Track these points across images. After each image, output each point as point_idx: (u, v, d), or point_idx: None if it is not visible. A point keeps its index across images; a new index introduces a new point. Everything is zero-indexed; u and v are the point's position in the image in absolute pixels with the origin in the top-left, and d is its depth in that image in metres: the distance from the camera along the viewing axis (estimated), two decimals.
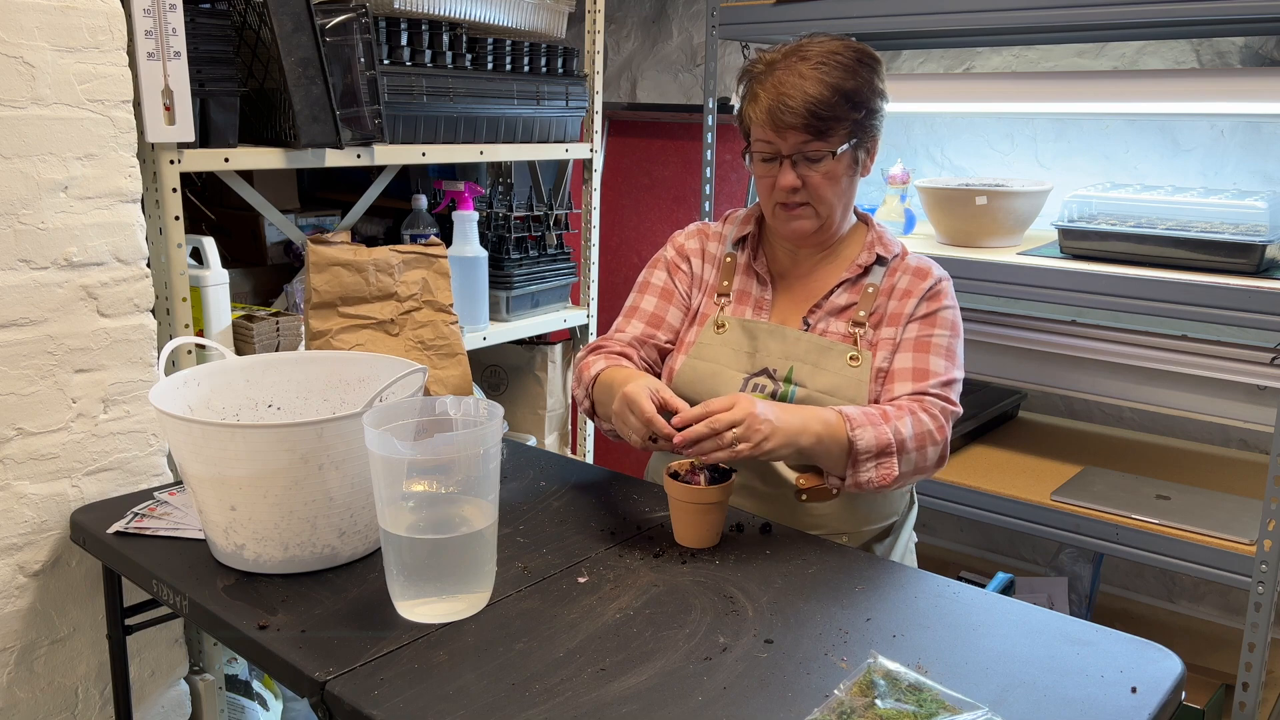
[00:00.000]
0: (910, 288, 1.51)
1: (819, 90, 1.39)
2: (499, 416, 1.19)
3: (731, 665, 1.09)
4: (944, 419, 1.43)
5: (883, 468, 1.37)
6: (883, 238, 1.55)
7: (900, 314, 1.49)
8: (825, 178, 1.44)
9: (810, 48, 1.43)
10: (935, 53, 2.73)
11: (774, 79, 1.42)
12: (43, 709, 1.62)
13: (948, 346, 1.48)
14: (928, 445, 1.40)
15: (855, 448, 1.36)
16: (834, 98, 1.39)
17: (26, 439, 1.54)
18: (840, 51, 1.42)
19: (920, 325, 1.49)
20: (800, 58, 1.42)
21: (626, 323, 1.62)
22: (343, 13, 1.85)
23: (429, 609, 1.18)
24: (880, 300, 1.51)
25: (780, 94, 1.40)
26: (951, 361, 1.48)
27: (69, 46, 1.49)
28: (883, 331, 1.49)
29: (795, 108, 1.39)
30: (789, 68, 1.41)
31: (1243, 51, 2.32)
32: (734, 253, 1.60)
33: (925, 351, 1.47)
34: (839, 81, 1.40)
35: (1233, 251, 1.91)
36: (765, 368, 1.51)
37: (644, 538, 1.41)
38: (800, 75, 1.40)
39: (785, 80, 1.40)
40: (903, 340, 1.49)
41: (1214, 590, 2.55)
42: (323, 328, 1.85)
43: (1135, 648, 1.15)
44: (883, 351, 1.48)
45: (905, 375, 1.46)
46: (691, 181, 3.26)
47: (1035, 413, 2.71)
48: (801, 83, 1.39)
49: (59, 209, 1.52)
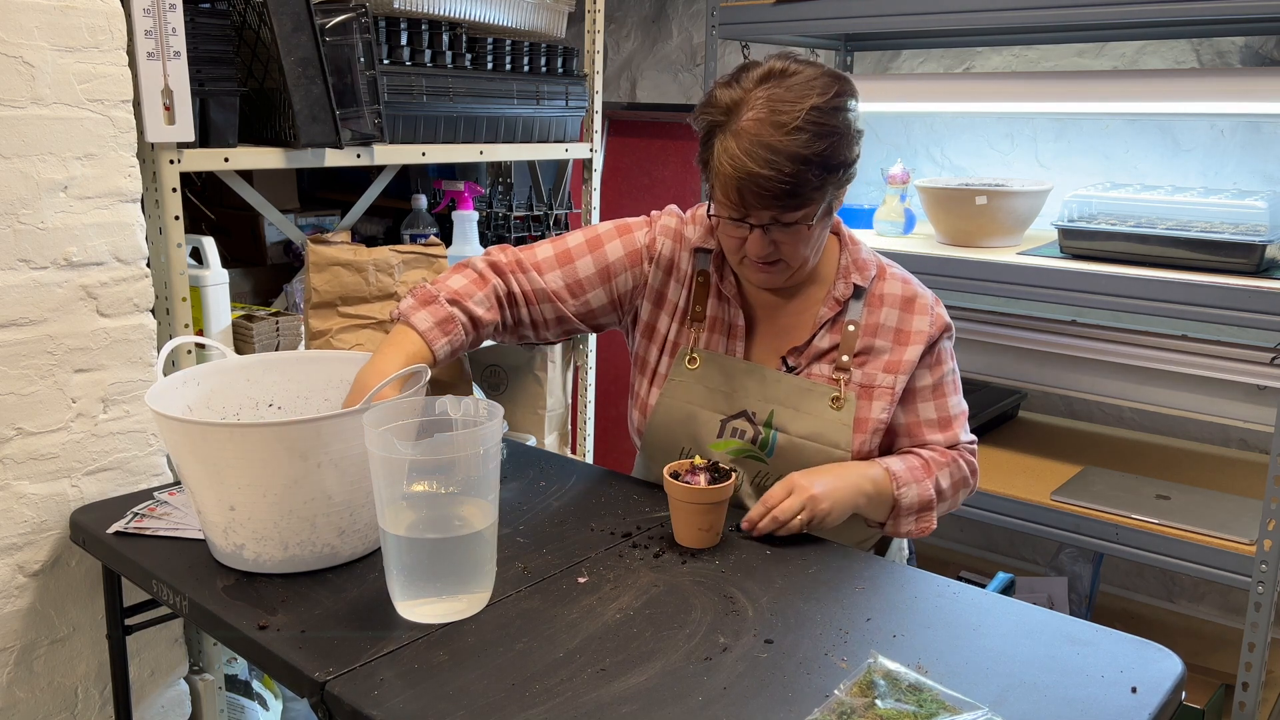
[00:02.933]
0: (903, 327, 1.42)
1: (793, 167, 1.25)
2: (499, 416, 1.18)
3: (731, 665, 1.09)
4: (974, 461, 1.49)
5: (922, 521, 1.43)
6: (857, 260, 1.45)
7: (899, 362, 1.41)
8: (798, 239, 1.34)
9: (782, 100, 1.26)
10: (935, 53, 2.73)
11: (742, 146, 1.26)
12: (43, 709, 1.62)
13: (954, 380, 1.49)
14: (961, 490, 1.48)
15: (899, 505, 1.40)
16: (808, 171, 1.26)
17: (26, 439, 1.54)
18: (816, 103, 1.26)
19: (932, 372, 1.45)
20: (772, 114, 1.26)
21: (546, 265, 1.48)
22: (343, 13, 1.85)
23: (429, 609, 1.18)
24: (864, 340, 1.43)
25: (750, 173, 1.25)
26: (959, 388, 1.50)
27: (69, 46, 1.49)
28: (876, 377, 1.42)
29: (768, 188, 1.26)
30: (759, 129, 1.26)
31: (1243, 51, 2.32)
32: (706, 271, 1.49)
33: (943, 397, 1.47)
34: (814, 150, 1.26)
35: (1233, 251, 1.91)
36: (744, 410, 1.46)
37: (644, 538, 1.41)
38: (771, 150, 1.25)
39: (754, 153, 1.25)
40: (917, 389, 1.44)
41: (1214, 590, 2.55)
42: (323, 327, 1.85)
43: (1135, 648, 1.15)
44: (879, 402, 1.41)
45: (932, 428, 1.46)
46: (691, 181, 3.26)
47: (1035, 413, 2.71)
48: (773, 159, 1.25)
49: (59, 209, 1.52)
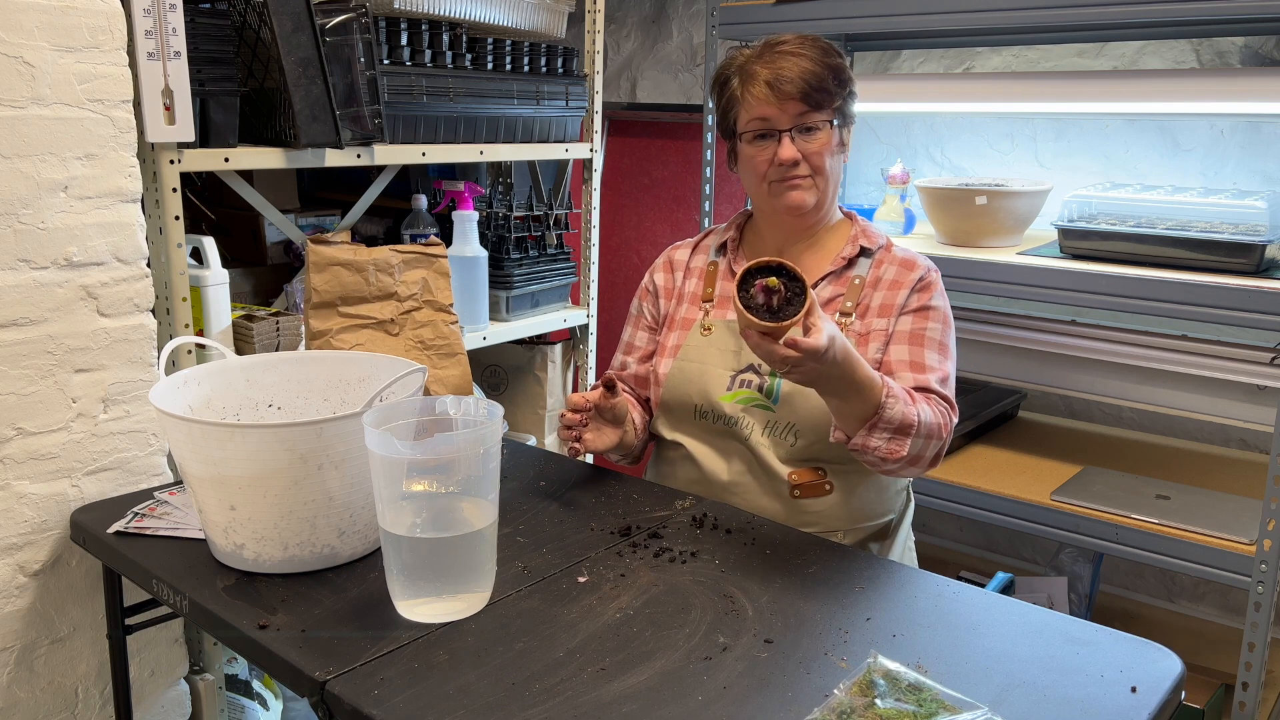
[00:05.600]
0: (898, 278, 1.52)
1: (811, 65, 1.47)
2: (499, 416, 1.19)
3: (731, 665, 1.09)
4: (948, 419, 1.45)
5: (894, 442, 1.36)
6: (867, 230, 1.58)
7: (891, 305, 1.50)
8: (822, 148, 1.49)
9: (783, 38, 1.51)
10: (935, 53, 2.73)
11: (763, 63, 1.49)
12: (43, 709, 1.62)
13: (940, 340, 1.50)
14: (933, 438, 1.41)
15: (881, 415, 1.34)
16: (824, 72, 1.47)
17: (26, 439, 1.54)
18: (815, 39, 1.51)
19: (913, 318, 1.50)
20: (778, 44, 1.50)
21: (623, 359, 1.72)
22: (343, 13, 1.85)
23: (429, 609, 1.18)
24: (867, 291, 1.52)
25: (777, 69, 1.47)
26: (944, 355, 1.49)
27: (69, 46, 1.49)
28: (872, 322, 1.50)
29: (793, 78, 1.46)
30: (772, 53, 1.49)
31: (1243, 51, 2.32)
32: (716, 260, 1.64)
33: (920, 345, 1.48)
34: (824, 58, 1.48)
35: (1233, 251, 1.91)
36: (751, 363, 1.53)
37: (644, 537, 1.41)
38: (789, 54, 1.48)
39: (776, 61, 1.48)
40: (895, 332, 1.50)
41: (1214, 590, 2.55)
42: (323, 328, 1.85)
43: (1135, 647, 1.15)
44: (874, 343, 1.49)
45: (902, 367, 1.47)
46: (691, 181, 3.26)
47: (1035, 413, 2.71)
48: (794, 59, 1.47)
49: (59, 209, 1.52)
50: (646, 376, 1.65)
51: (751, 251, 1.62)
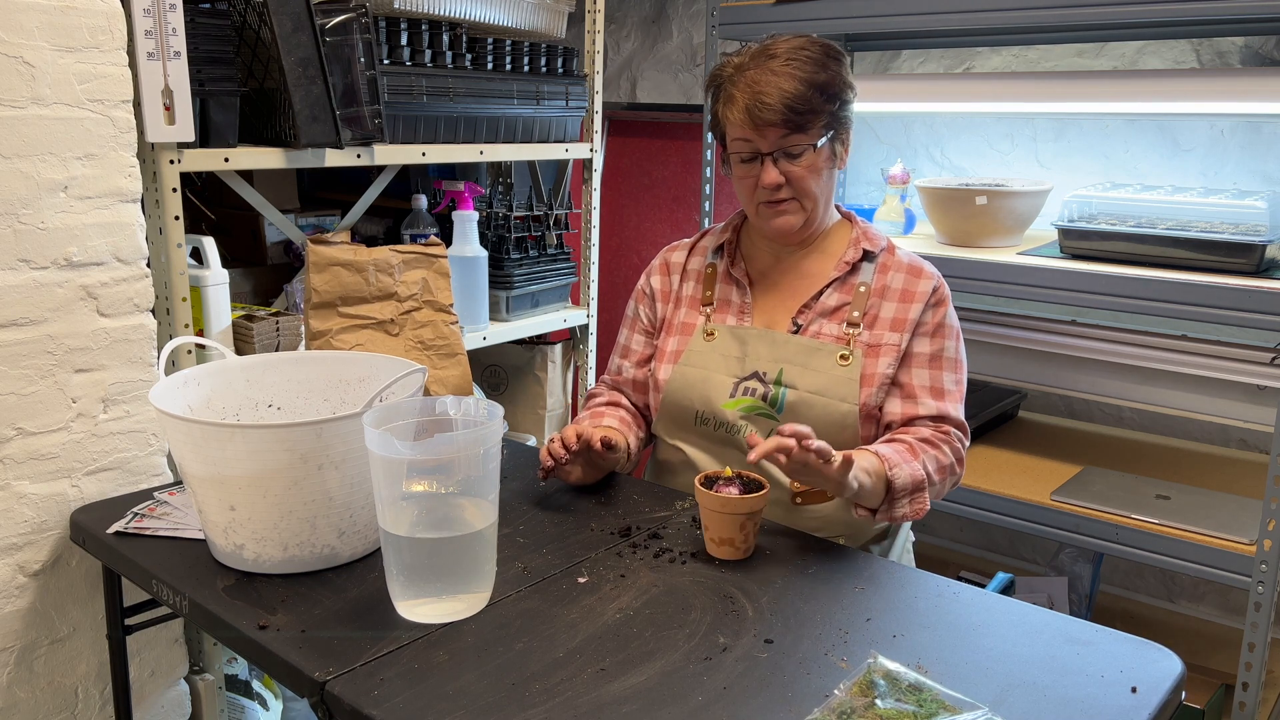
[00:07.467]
0: (908, 288, 1.51)
1: (793, 85, 1.41)
2: (499, 416, 1.19)
3: (731, 665, 1.09)
4: (962, 448, 1.49)
5: (916, 502, 1.42)
6: (868, 232, 1.56)
7: (904, 320, 1.49)
8: (807, 170, 1.46)
9: (777, 46, 1.45)
10: (935, 53, 2.73)
11: (746, 80, 1.43)
12: (43, 709, 1.62)
13: (955, 358, 1.51)
14: (948, 477, 1.47)
15: (894, 486, 1.39)
16: (808, 91, 1.41)
17: (26, 439, 1.54)
18: (807, 47, 1.44)
19: (931, 340, 1.50)
20: (769, 56, 1.44)
21: (619, 362, 1.69)
22: (343, 13, 1.85)
23: (429, 609, 1.18)
24: (874, 300, 1.51)
25: (756, 93, 1.41)
26: (959, 371, 1.51)
27: (69, 46, 1.49)
28: (883, 335, 1.49)
29: (772, 104, 1.40)
30: (760, 67, 1.43)
31: (1243, 51, 2.32)
32: (714, 262, 1.63)
33: (939, 369, 1.49)
34: (811, 75, 1.42)
35: (1233, 251, 1.91)
36: (755, 371, 1.52)
37: (644, 537, 1.41)
38: (773, 73, 1.42)
39: (759, 79, 1.42)
40: (915, 354, 1.49)
41: (1214, 590, 2.55)
42: (323, 328, 1.85)
43: (1135, 648, 1.15)
44: (885, 358, 1.48)
45: (924, 394, 1.48)
46: (691, 181, 3.26)
47: (1035, 413, 2.71)
48: (775, 79, 1.41)
49: (59, 209, 1.52)
50: (644, 381, 1.64)
51: (749, 254, 1.61)
